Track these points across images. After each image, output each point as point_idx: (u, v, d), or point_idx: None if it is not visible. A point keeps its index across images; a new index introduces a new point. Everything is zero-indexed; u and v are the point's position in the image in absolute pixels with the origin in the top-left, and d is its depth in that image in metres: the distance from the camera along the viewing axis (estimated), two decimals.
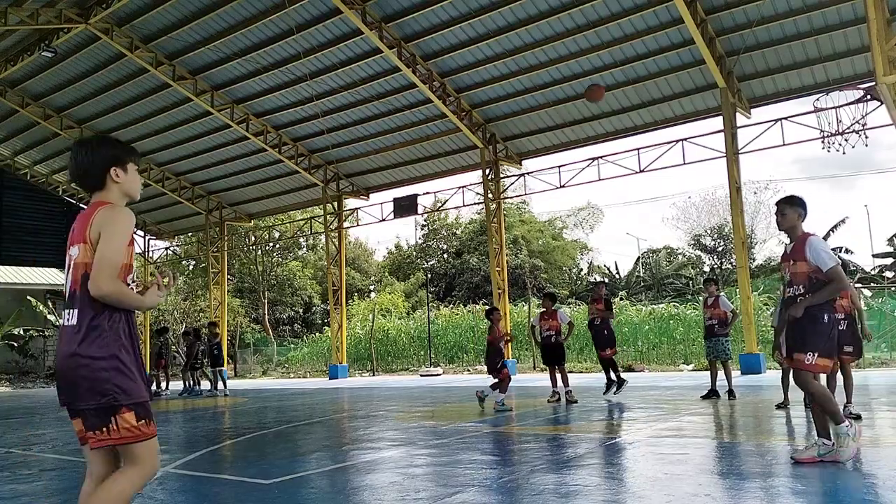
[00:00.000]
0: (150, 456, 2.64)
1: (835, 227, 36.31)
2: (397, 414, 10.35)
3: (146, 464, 2.64)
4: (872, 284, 31.06)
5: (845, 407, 7.58)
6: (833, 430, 4.83)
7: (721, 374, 10.34)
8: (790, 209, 5.06)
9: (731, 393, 10.24)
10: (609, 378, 11.16)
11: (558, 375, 10.92)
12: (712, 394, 10.33)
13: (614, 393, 11.03)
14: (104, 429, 2.53)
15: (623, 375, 11.54)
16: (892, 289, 27.32)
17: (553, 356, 10.93)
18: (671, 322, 25.84)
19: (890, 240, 36.60)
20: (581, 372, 20.65)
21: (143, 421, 2.58)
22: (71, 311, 2.62)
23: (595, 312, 11.17)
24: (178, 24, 19.46)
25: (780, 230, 5.25)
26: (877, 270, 36.85)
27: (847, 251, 37.10)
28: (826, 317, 4.82)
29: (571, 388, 10.83)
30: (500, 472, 5.28)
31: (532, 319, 11.87)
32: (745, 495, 4.15)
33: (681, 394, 11.74)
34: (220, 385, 18.14)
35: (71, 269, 2.66)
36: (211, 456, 6.81)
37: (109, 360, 2.54)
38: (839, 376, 7.55)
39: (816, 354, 4.78)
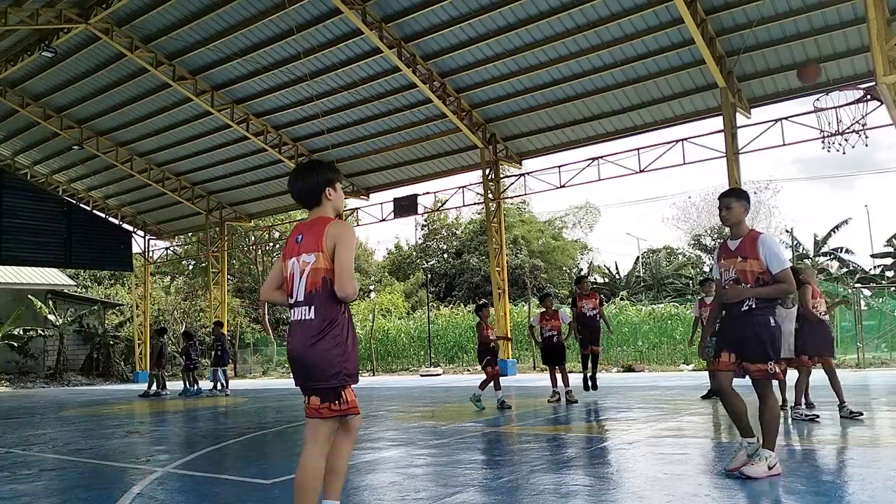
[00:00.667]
0: (357, 427, 3.45)
1: (836, 227, 36.31)
2: (397, 414, 10.35)
3: (355, 432, 3.46)
4: (872, 284, 31.06)
5: (841, 407, 7.60)
6: (747, 444, 4.66)
7: None
8: (737, 203, 4.72)
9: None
10: (593, 375, 11.31)
11: (558, 375, 10.94)
12: (712, 394, 10.33)
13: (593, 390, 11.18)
14: (336, 402, 3.25)
15: (621, 375, 11.60)
16: (892, 289, 27.31)
17: (554, 356, 10.95)
18: (671, 322, 25.85)
19: (890, 240, 36.62)
20: (581, 372, 20.63)
21: (355, 398, 3.34)
22: (308, 307, 3.21)
23: (594, 307, 11.19)
24: (178, 24, 19.45)
25: (724, 225, 4.92)
26: (878, 270, 36.87)
27: (847, 251, 37.13)
28: (773, 321, 4.60)
29: (572, 387, 10.84)
30: (500, 472, 5.28)
31: (531, 319, 11.88)
32: (745, 495, 4.15)
33: (681, 394, 11.75)
34: (219, 385, 18.16)
35: (308, 274, 3.23)
36: (211, 456, 6.81)
37: (341, 348, 3.20)
38: (811, 378, 7.68)
39: (777, 363, 4.60)
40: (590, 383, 11.41)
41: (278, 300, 3.45)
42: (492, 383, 10.26)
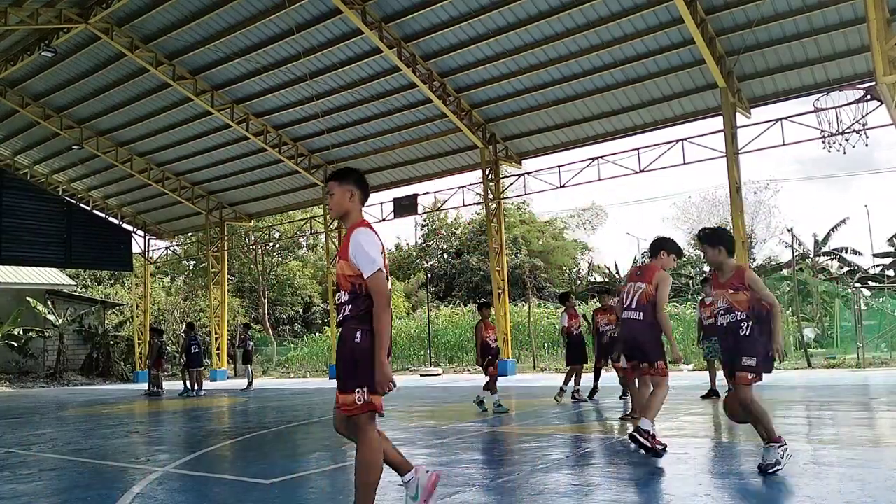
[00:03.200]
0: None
1: (835, 227, 36.30)
2: (397, 414, 10.35)
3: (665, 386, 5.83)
4: (872, 284, 31.06)
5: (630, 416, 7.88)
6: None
7: (720, 373, 10.37)
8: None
9: (717, 393, 10.28)
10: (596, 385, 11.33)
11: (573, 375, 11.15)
12: (712, 394, 10.34)
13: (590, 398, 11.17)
14: (655, 365, 5.84)
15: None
16: (892, 289, 27.31)
17: (579, 355, 11.13)
18: (671, 322, 25.84)
19: (890, 240, 36.60)
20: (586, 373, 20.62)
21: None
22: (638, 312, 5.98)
23: (609, 322, 11.18)
24: (178, 23, 19.45)
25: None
26: (878, 270, 36.85)
27: (855, 252, 37.07)
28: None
29: (580, 388, 11.06)
30: (500, 472, 5.28)
31: (562, 320, 11.83)
32: (744, 495, 4.15)
33: (681, 394, 11.74)
34: (188, 385, 18.01)
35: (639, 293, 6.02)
36: (211, 456, 6.81)
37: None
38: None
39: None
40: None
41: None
42: (496, 382, 10.24)
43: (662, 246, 6.25)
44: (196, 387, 18.36)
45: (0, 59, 21.80)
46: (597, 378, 11.25)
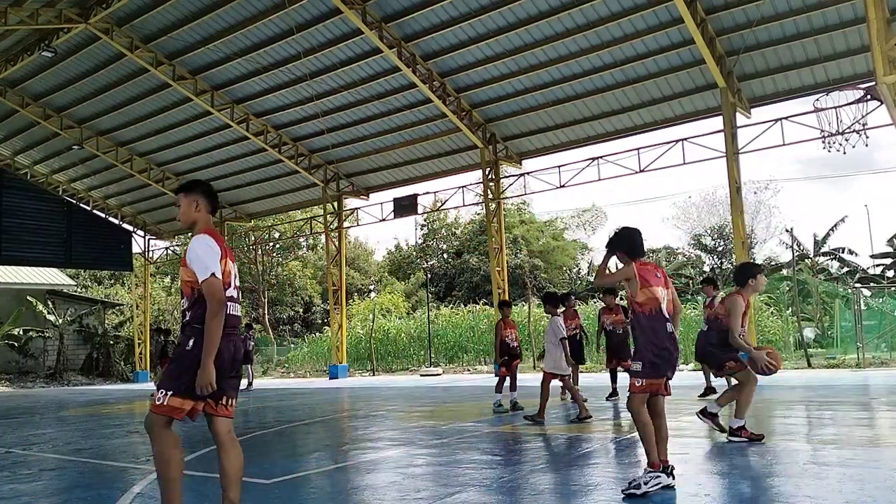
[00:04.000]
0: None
1: (834, 226, 36.30)
2: (397, 414, 10.35)
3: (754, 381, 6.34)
4: (872, 284, 31.06)
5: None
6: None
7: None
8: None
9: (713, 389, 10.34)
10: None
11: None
12: (709, 391, 10.35)
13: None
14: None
15: (621, 375, 11.57)
16: (892, 289, 27.31)
17: (574, 355, 11.09)
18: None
19: (890, 240, 36.61)
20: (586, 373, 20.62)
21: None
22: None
23: (613, 322, 11.16)
24: (177, 23, 19.45)
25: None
26: (878, 270, 36.87)
27: (851, 252, 37.09)
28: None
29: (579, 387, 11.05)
30: (500, 472, 5.28)
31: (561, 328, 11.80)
32: (744, 495, 4.15)
33: (681, 393, 11.73)
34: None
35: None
36: (211, 456, 6.80)
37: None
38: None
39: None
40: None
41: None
42: (505, 383, 10.17)
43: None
44: None
45: (0, 59, 21.80)
46: (613, 379, 11.23)
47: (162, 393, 3.54)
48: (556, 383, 9.07)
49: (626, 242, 4.75)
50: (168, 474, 3.56)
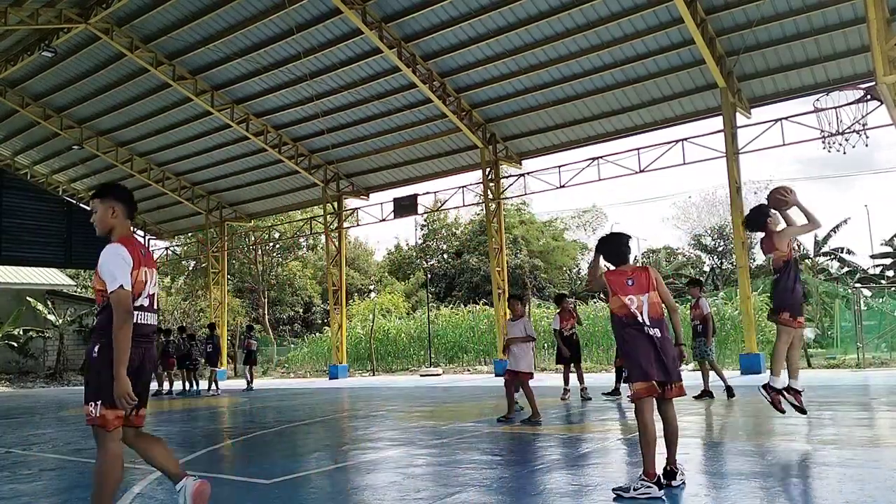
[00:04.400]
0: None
1: (836, 227, 36.29)
2: (397, 414, 10.35)
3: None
4: (872, 284, 31.06)
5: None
6: None
7: (713, 374, 10.51)
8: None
9: (710, 393, 10.35)
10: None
11: (573, 374, 11.17)
12: (705, 394, 10.39)
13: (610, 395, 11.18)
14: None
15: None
16: (892, 289, 27.31)
17: (571, 354, 11.11)
18: (671, 322, 25.80)
19: (890, 240, 36.62)
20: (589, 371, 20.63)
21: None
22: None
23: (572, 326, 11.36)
24: (177, 24, 19.44)
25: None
26: (878, 270, 36.87)
27: (849, 252, 37.09)
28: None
29: (587, 385, 11.14)
30: (500, 472, 5.28)
31: (553, 323, 11.84)
32: (745, 495, 4.15)
33: None
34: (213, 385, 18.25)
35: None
36: (211, 456, 6.81)
37: None
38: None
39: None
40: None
41: None
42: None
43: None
44: (195, 386, 18.58)
45: (0, 59, 21.80)
46: (618, 378, 11.24)
47: (93, 405, 3.49)
48: (536, 383, 9.08)
49: (607, 249, 4.86)
50: (104, 490, 3.52)
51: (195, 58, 20.82)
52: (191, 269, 42.26)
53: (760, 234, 6.81)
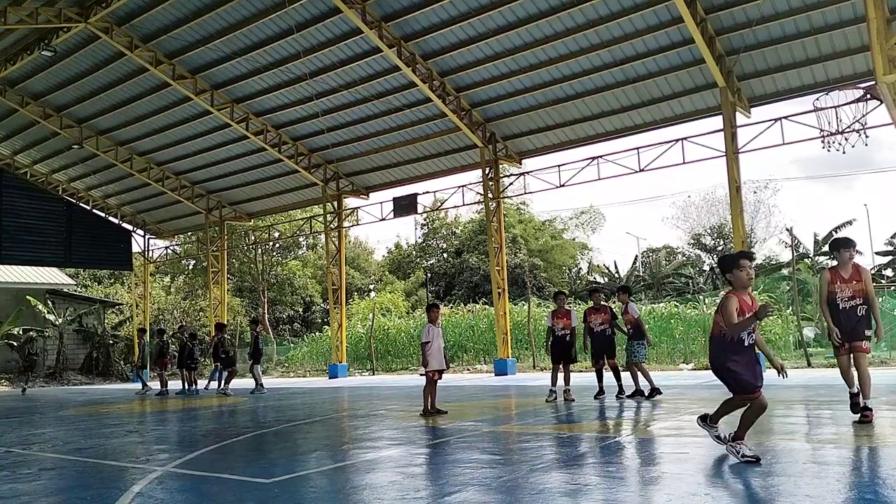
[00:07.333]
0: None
1: (838, 227, 36.28)
2: (397, 413, 10.35)
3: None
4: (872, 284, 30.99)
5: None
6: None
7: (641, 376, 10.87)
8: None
9: (642, 392, 10.72)
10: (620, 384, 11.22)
11: (560, 375, 10.98)
12: (637, 393, 10.79)
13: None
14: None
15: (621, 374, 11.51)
16: (892, 288, 27.31)
17: (563, 354, 10.98)
18: (671, 321, 25.83)
19: (890, 240, 36.62)
20: (581, 371, 20.63)
21: None
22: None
23: (603, 322, 11.15)
24: (177, 23, 19.44)
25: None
26: (878, 270, 36.87)
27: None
28: None
29: (570, 387, 10.95)
30: (500, 471, 5.28)
31: (547, 320, 11.78)
32: (745, 495, 4.15)
33: (681, 393, 11.74)
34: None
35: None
36: (211, 455, 6.81)
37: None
38: None
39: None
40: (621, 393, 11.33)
41: None
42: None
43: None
44: (193, 386, 18.64)
45: (0, 58, 21.78)
46: (600, 379, 11.19)
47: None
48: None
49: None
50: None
51: (195, 57, 20.82)
52: (190, 268, 42.28)
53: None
